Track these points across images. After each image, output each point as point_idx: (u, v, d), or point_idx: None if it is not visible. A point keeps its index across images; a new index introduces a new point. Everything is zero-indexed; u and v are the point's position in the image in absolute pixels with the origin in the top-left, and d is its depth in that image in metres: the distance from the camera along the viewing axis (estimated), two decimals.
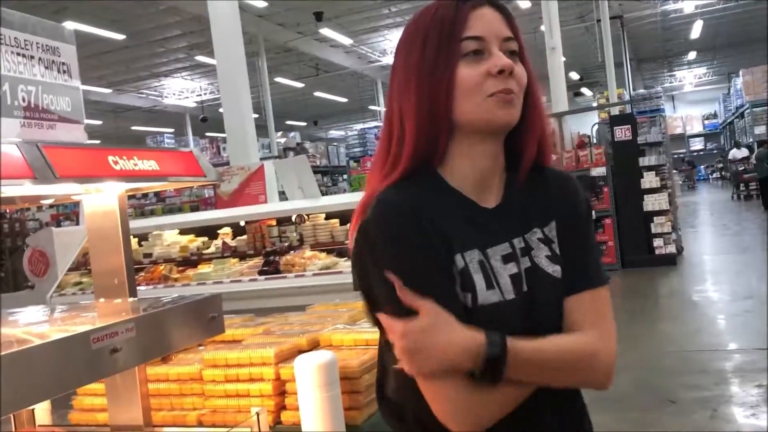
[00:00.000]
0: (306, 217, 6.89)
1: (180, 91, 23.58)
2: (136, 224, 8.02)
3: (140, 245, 7.46)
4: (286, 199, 7.91)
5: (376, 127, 25.18)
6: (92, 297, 2.06)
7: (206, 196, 15.85)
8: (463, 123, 1.10)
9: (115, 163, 1.57)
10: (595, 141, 11.56)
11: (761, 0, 18.54)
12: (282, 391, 2.18)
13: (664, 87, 30.48)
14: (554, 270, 1.13)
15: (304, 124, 31.46)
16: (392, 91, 1.16)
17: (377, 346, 2.39)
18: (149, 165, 1.70)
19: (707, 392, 4.27)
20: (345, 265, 6.12)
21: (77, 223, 11.41)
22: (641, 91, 17.83)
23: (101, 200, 1.83)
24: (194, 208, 14.33)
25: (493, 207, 1.15)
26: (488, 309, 1.07)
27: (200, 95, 23.51)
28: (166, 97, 23.88)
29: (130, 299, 1.88)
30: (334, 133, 36.70)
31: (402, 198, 1.10)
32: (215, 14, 8.45)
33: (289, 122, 29.81)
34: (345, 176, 22.49)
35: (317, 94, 25.02)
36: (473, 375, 1.00)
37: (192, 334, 1.86)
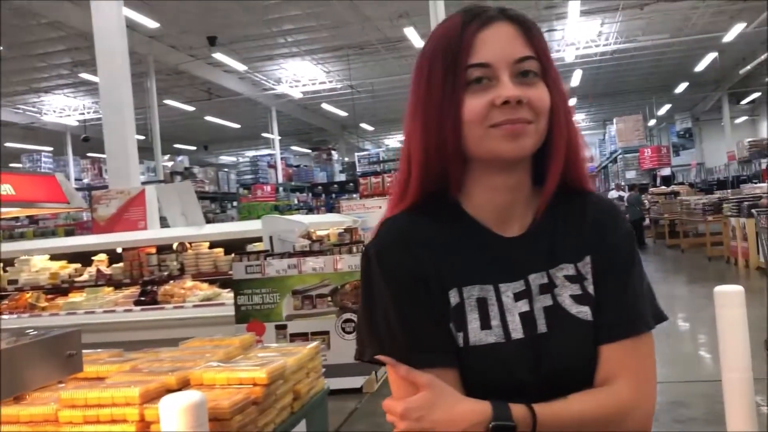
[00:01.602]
0: (188, 245, 6.68)
1: (61, 108, 22.43)
2: (1, 248, 7.47)
3: (5, 271, 6.96)
4: (168, 225, 7.64)
5: (269, 154, 24.97)
6: None
7: (84, 219, 15.07)
8: (472, 154, 1.02)
9: None
10: None
11: (633, 56, 20.03)
12: None
13: None
14: (579, 311, 1.03)
15: (193, 148, 30.70)
16: (406, 118, 1.09)
17: (252, 385, 2.32)
18: (3, 189, 1.56)
19: None
20: (228, 296, 5.96)
21: None
22: None
23: None
24: (69, 233, 13.56)
25: (515, 237, 1.06)
26: (482, 350, 1.00)
27: (83, 113, 22.45)
28: (45, 113, 22.63)
29: None
30: (225, 159, 36.03)
31: (403, 227, 1.06)
32: (100, 31, 8.13)
33: (177, 146, 28.97)
34: (235, 203, 22.08)
35: (208, 118, 24.51)
36: None
37: (45, 373, 1.72)
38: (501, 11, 1.03)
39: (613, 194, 22.06)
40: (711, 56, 20.65)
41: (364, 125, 29.04)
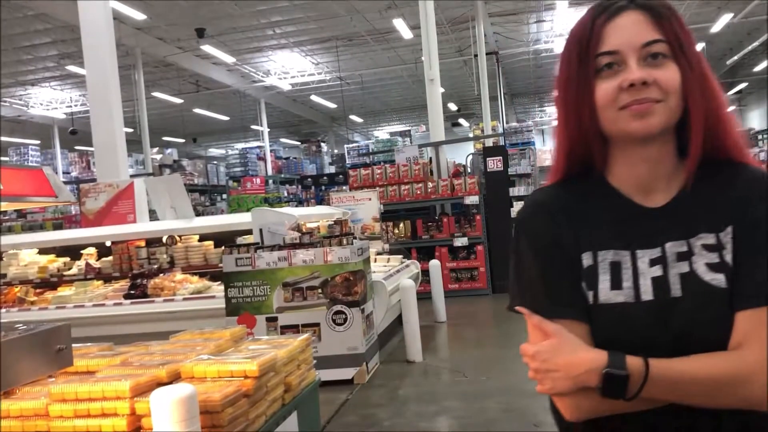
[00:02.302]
0: (178, 238, 6.66)
1: (48, 101, 22.25)
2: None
3: None
4: (157, 218, 7.60)
5: (258, 147, 24.85)
6: None
7: (72, 213, 14.97)
8: (609, 134, 1.13)
9: None
10: (469, 171, 11.98)
11: None
12: (138, 427, 2.06)
13: (535, 121, 32.15)
14: (713, 278, 1.07)
15: (182, 140, 30.53)
16: (555, 105, 1.23)
17: (243, 378, 2.32)
18: None
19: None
20: (218, 289, 5.95)
21: None
22: (514, 124, 18.71)
23: None
24: (58, 226, 13.46)
25: (658, 207, 1.14)
26: (610, 308, 1.10)
27: (70, 106, 22.28)
28: (32, 106, 22.45)
29: None
30: (213, 152, 35.87)
31: (548, 198, 1.21)
32: (87, 23, 8.06)
33: (166, 138, 28.82)
34: (224, 196, 21.99)
35: (197, 110, 24.39)
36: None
37: (35, 368, 1.72)
38: (631, 1, 1.13)
39: None
40: (699, 46, 20.65)
41: (353, 117, 28.99)
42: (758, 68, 23.55)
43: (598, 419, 1.08)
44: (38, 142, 23.95)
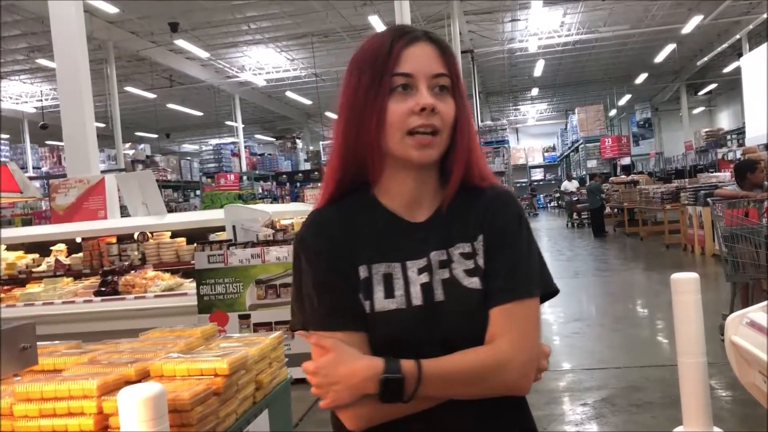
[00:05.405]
0: (150, 234, 6.58)
1: (18, 95, 21.86)
2: None
3: None
4: (128, 215, 7.52)
5: (232, 143, 24.68)
6: None
7: (42, 209, 14.75)
8: (391, 152, 1.19)
9: None
10: None
11: (595, 47, 20.24)
12: (105, 426, 2.03)
13: (509, 120, 32.40)
14: (470, 282, 1.19)
15: (155, 136, 30.21)
16: (335, 120, 1.26)
17: (213, 376, 2.30)
18: None
19: (539, 411, 4.49)
20: (190, 286, 5.89)
21: None
22: (489, 122, 18.82)
23: None
24: (27, 222, 13.25)
25: (422, 222, 1.24)
26: (385, 315, 1.17)
27: (41, 100, 21.92)
28: (1, 100, 22.05)
29: None
30: (187, 147, 35.55)
31: (325, 216, 1.26)
32: (57, 16, 7.94)
33: (138, 133, 28.50)
34: (197, 192, 21.82)
35: (170, 106, 24.14)
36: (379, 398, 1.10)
37: None
38: (425, 33, 1.22)
39: (567, 185, 22.39)
40: (670, 47, 21.01)
41: (328, 113, 28.89)
42: (728, 69, 23.95)
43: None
44: (7, 136, 23.53)
